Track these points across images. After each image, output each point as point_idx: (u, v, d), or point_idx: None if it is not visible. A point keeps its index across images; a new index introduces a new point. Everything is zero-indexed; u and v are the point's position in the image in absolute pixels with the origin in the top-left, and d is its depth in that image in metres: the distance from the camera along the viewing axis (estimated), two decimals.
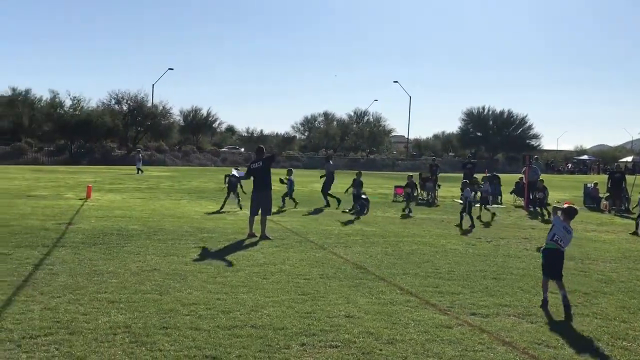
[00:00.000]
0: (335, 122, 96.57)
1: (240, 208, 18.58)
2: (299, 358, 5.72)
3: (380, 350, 6.07)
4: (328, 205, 21.29)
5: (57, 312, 6.86)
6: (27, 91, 67.81)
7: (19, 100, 66.96)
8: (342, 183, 24.29)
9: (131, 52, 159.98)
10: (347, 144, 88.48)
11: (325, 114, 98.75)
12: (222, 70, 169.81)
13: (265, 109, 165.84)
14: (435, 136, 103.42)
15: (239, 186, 19.28)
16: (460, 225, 16.71)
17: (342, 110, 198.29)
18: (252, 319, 6.96)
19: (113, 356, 5.54)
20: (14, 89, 67.39)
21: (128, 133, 65.44)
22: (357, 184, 20.41)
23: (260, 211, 13.85)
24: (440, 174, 28.60)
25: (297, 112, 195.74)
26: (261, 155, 14.34)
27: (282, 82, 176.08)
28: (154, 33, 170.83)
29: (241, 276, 9.26)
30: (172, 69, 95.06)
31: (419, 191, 26.17)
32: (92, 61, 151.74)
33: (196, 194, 24.91)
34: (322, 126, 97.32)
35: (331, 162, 23.60)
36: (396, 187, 26.43)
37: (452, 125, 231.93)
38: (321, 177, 22.65)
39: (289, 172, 21.29)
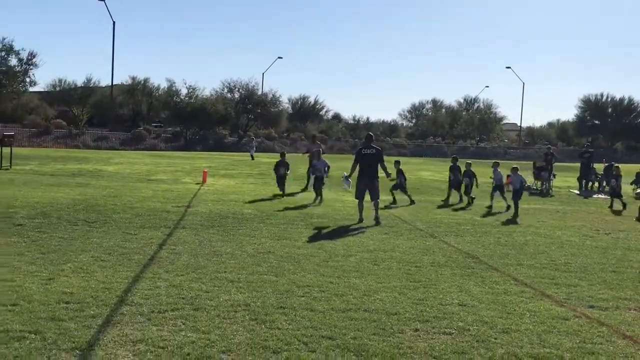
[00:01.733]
0: (443, 110, 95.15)
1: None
2: (413, 343, 5.78)
3: (495, 339, 6.02)
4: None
5: (182, 289, 7.26)
6: (146, 80, 71.32)
7: (138, 89, 70.60)
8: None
9: (243, 41, 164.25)
10: (456, 132, 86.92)
11: (434, 101, 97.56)
12: (330, 58, 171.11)
13: (371, 96, 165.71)
14: (550, 124, 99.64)
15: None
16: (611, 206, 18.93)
17: (451, 97, 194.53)
18: (365, 303, 7.08)
19: (235, 332, 5.82)
20: (133, 78, 71.11)
21: (239, 120, 67.38)
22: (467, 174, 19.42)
23: (369, 197, 13.99)
24: (555, 163, 27.55)
25: (405, 99, 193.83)
26: (370, 142, 14.43)
27: (389, 70, 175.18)
28: (265, 22, 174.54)
29: (352, 261, 9.41)
30: (281, 58, 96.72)
31: (534, 180, 25.39)
32: (207, 50, 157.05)
33: (305, 180, 25.32)
34: (430, 113, 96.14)
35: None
36: (508, 176, 25.76)
37: (567, 113, 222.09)
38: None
39: (397, 164, 19.10)
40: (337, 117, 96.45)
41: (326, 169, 18.67)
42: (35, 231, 10.59)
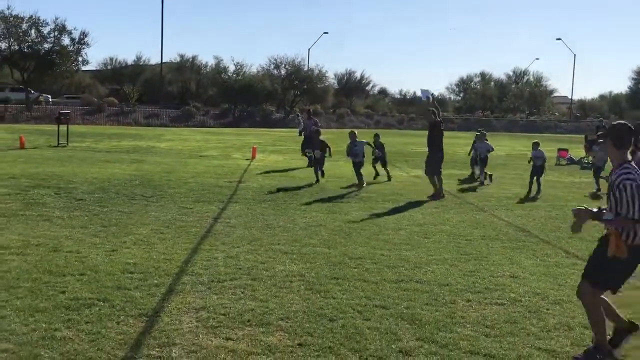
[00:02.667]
0: (492, 83, 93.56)
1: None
2: (465, 312, 5.90)
3: (547, 309, 6.09)
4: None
5: (239, 260, 7.52)
6: (194, 58, 72.21)
7: (187, 67, 71.49)
8: (501, 144, 23.70)
9: (289, 16, 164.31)
10: (505, 106, 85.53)
11: (482, 74, 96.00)
12: (376, 33, 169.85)
13: (418, 70, 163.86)
14: (602, 96, 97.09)
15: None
16: None
17: (500, 70, 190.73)
18: (417, 274, 7.21)
19: (292, 301, 6.04)
20: (182, 56, 72.08)
21: (286, 97, 67.69)
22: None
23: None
24: None
25: (452, 72, 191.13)
26: (432, 117, 14.36)
27: (436, 43, 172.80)
28: None
29: (402, 235, 9.53)
30: (327, 33, 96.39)
31: (585, 155, 24.97)
32: (254, 27, 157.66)
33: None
34: (478, 87, 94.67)
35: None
36: (559, 149, 25.40)
37: (620, 84, 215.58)
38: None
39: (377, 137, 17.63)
40: (383, 91, 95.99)
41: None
42: (95, 205, 11.02)
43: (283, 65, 68.21)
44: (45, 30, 51.42)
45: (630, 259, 4.77)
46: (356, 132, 16.60)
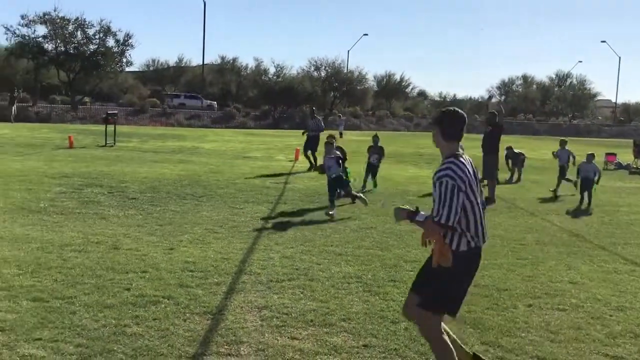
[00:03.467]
0: (534, 86, 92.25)
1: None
2: (528, 318, 5.85)
3: (610, 315, 6.01)
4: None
5: (294, 261, 7.58)
6: (235, 59, 72.67)
7: (227, 68, 72.12)
8: (545, 149, 23.40)
9: (329, 19, 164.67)
10: (547, 109, 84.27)
11: (524, 77, 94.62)
12: (415, 35, 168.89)
13: (459, 72, 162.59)
14: None
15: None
16: None
17: (542, 73, 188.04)
18: (475, 278, 7.15)
19: (351, 302, 6.06)
20: (222, 58, 72.69)
21: (325, 99, 67.80)
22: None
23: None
24: None
25: (493, 75, 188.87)
26: (494, 120, 14.33)
27: (477, 45, 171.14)
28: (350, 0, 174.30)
29: None
30: (366, 35, 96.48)
31: (634, 159, 24.49)
32: (294, 29, 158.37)
33: (395, 157, 25.37)
34: (520, 90, 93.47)
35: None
36: (607, 154, 24.93)
37: None
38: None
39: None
40: (422, 94, 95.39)
41: (340, 162, 12.04)
42: (148, 204, 11.21)
43: (323, 67, 68.41)
44: (91, 31, 52.42)
45: (461, 269, 4.15)
46: (334, 139, 12.57)
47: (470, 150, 13.65)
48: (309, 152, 19.60)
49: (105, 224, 9.34)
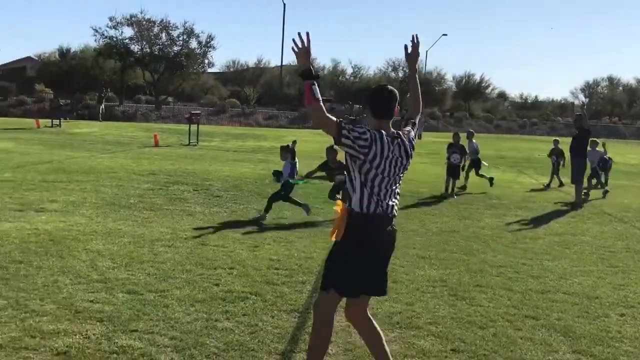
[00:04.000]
0: (621, 88, 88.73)
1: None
2: (621, 327, 5.65)
3: None
4: None
5: None
6: (312, 60, 73.12)
7: None
8: (632, 153, 22.49)
9: (408, 19, 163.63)
10: (634, 111, 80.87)
11: (610, 79, 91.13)
12: (496, 34, 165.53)
13: (541, 73, 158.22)
14: None
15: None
16: None
17: (629, 74, 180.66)
18: (563, 286, 6.98)
19: (437, 306, 6.02)
20: None
21: (403, 99, 67.41)
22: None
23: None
24: None
25: (577, 76, 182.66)
26: (580, 123, 13.97)
27: (560, 45, 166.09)
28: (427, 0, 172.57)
29: (541, 244, 9.25)
30: (445, 35, 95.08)
31: None
32: (371, 29, 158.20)
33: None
34: (605, 92, 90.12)
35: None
36: None
37: None
38: None
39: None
40: (502, 95, 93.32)
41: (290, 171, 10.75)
42: (232, 202, 11.46)
43: (401, 68, 67.93)
44: (175, 33, 54.07)
45: (350, 237, 3.92)
46: (295, 145, 11.61)
47: (539, 152, 13.15)
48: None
49: (192, 220, 9.61)
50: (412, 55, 4.40)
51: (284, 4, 62.35)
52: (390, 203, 4.01)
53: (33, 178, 12.84)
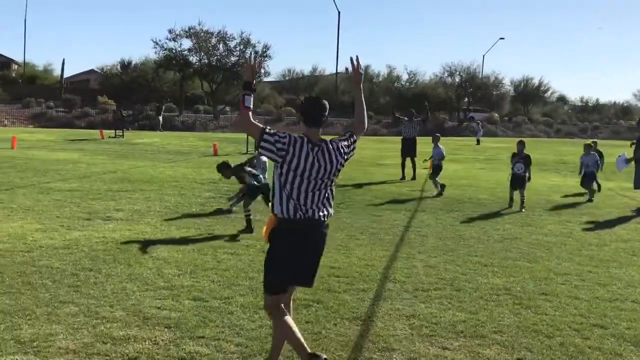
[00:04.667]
0: None
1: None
2: None
3: None
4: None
5: (438, 270, 7.53)
6: (367, 67, 73.15)
7: None
8: None
9: (463, 24, 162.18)
10: None
11: None
12: (555, 36, 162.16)
13: (601, 75, 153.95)
14: None
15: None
16: None
17: None
18: (632, 294, 6.79)
19: (502, 314, 5.93)
20: None
21: (459, 104, 66.66)
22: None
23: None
24: None
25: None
26: None
27: (622, 46, 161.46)
28: (484, 4, 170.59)
29: (607, 251, 9.01)
30: (503, 39, 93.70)
31: None
32: (428, 35, 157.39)
33: (536, 165, 24.40)
34: None
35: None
36: None
37: None
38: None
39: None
40: (562, 98, 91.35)
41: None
42: None
43: (457, 73, 67.26)
44: (232, 44, 54.89)
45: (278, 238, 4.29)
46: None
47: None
48: (407, 159, 18.80)
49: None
50: (354, 77, 4.57)
51: (339, 12, 62.61)
52: (314, 207, 4.24)
53: (99, 187, 13.26)
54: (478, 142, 40.14)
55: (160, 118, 44.89)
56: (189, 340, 5.03)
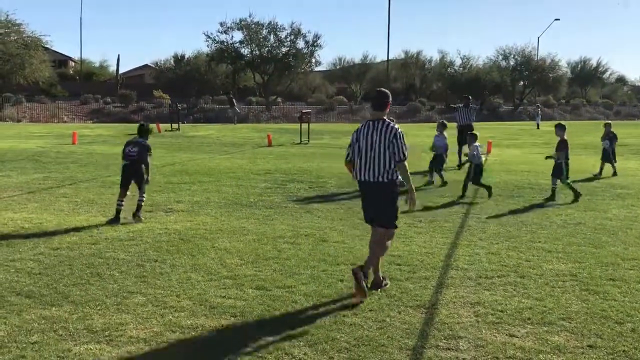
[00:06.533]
0: None
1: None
2: None
3: None
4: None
5: (501, 257, 7.42)
6: (418, 53, 72.37)
7: (411, 63, 72.04)
8: None
9: (516, 5, 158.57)
10: None
11: None
12: (612, 15, 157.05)
13: None
14: None
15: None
16: None
17: None
18: None
19: (569, 301, 5.81)
20: (406, 52, 72.66)
21: (515, 88, 65.30)
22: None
23: None
24: None
25: None
26: None
27: None
28: None
29: None
30: (558, 20, 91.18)
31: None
32: (480, 19, 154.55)
33: (595, 149, 23.80)
34: None
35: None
36: None
37: None
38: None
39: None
40: (621, 79, 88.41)
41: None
42: (347, 199, 11.60)
43: (512, 56, 65.77)
44: (282, 34, 55.03)
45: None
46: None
47: None
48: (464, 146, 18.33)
49: (310, 218, 9.80)
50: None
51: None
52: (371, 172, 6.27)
53: (159, 180, 13.52)
54: (538, 126, 39.38)
55: (237, 108, 45.05)
56: (255, 329, 5.10)
